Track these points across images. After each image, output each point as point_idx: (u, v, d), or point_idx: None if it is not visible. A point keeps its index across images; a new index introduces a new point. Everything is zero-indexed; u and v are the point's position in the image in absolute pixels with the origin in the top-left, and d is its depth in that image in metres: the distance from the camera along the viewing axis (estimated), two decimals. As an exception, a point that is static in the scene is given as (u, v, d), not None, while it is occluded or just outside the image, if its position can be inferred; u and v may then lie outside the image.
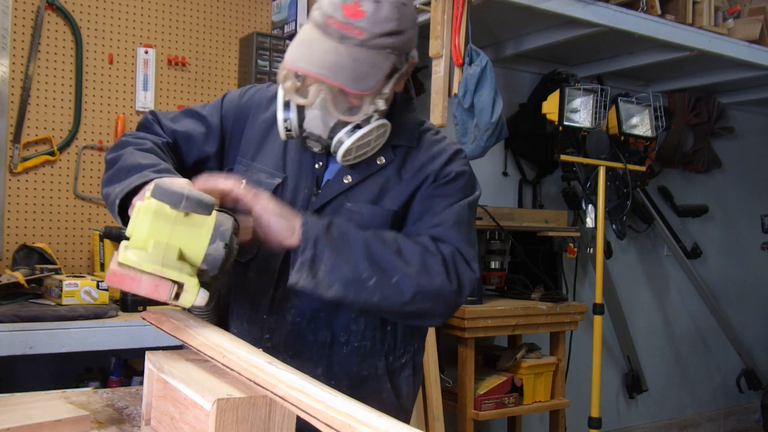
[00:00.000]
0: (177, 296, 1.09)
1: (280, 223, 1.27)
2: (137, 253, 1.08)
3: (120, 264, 1.07)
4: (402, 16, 1.30)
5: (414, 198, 1.43)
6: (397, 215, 1.42)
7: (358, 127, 1.34)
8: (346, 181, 1.42)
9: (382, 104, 1.35)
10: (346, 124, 1.34)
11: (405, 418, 1.53)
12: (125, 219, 1.27)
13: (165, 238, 1.10)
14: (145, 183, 1.24)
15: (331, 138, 1.35)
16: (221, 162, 1.53)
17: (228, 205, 1.26)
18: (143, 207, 1.11)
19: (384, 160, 1.43)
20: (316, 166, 1.45)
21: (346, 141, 1.34)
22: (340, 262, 1.26)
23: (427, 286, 1.30)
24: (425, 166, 1.44)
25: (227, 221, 1.16)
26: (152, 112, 1.55)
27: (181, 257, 1.11)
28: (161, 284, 1.07)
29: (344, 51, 1.26)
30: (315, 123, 1.35)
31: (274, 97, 1.50)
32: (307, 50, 1.28)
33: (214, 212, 1.14)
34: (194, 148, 1.50)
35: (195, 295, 1.09)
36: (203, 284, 1.11)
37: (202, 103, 1.58)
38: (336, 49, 1.26)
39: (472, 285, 1.37)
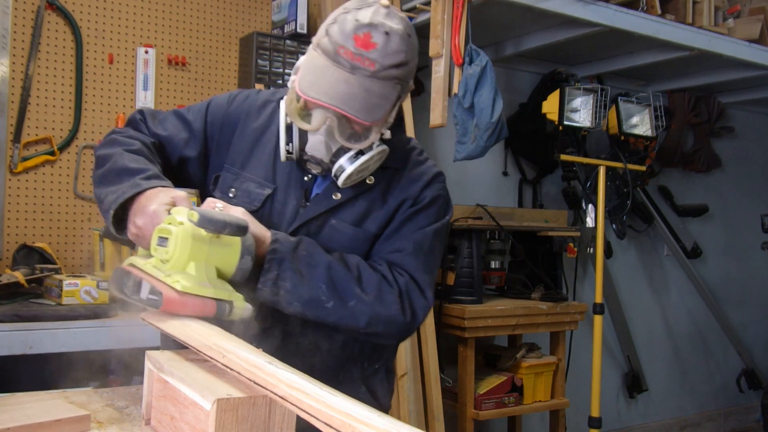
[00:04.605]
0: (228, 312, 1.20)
1: (252, 228, 1.32)
2: (186, 277, 1.16)
3: (179, 292, 1.14)
4: (408, 47, 1.33)
5: (392, 220, 1.47)
6: (377, 237, 1.48)
7: (360, 153, 1.37)
8: (335, 198, 1.45)
9: (387, 133, 1.39)
10: (348, 149, 1.36)
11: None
12: (117, 224, 1.33)
13: (203, 259, 1.19)
14: (139, 193, 1.30)
15: (332, 162, 1.38)
16: (205, 166, 1.56)
17: None
18: (182, 232, 1.18)
19: (373, 180, 1.46)
20: (306, 178, 1.48)
21: (348, 168, 1.37)
22: (302, 283, 1.33)
23: (381, 313, 1.38)
24: (405, 189, 1.48)
25: (250, 237, 1.27)
26: (140, 111, 1.59)
27: (218, 274, 1.22)
28: (209, 304, 1.18)
29: (356, 82, 1.28)
30: (318, 148, 1.36)
31: (264, 105, 1.55)
32: (317, 79, 1.30)
33: None
34: (175, 152, 1.54)
35: (243, 309, 1.22)
36: None
37: (188, 106, 1.60)
38: (347, 79, 1.28)
39: (425, 312, 1.45)
